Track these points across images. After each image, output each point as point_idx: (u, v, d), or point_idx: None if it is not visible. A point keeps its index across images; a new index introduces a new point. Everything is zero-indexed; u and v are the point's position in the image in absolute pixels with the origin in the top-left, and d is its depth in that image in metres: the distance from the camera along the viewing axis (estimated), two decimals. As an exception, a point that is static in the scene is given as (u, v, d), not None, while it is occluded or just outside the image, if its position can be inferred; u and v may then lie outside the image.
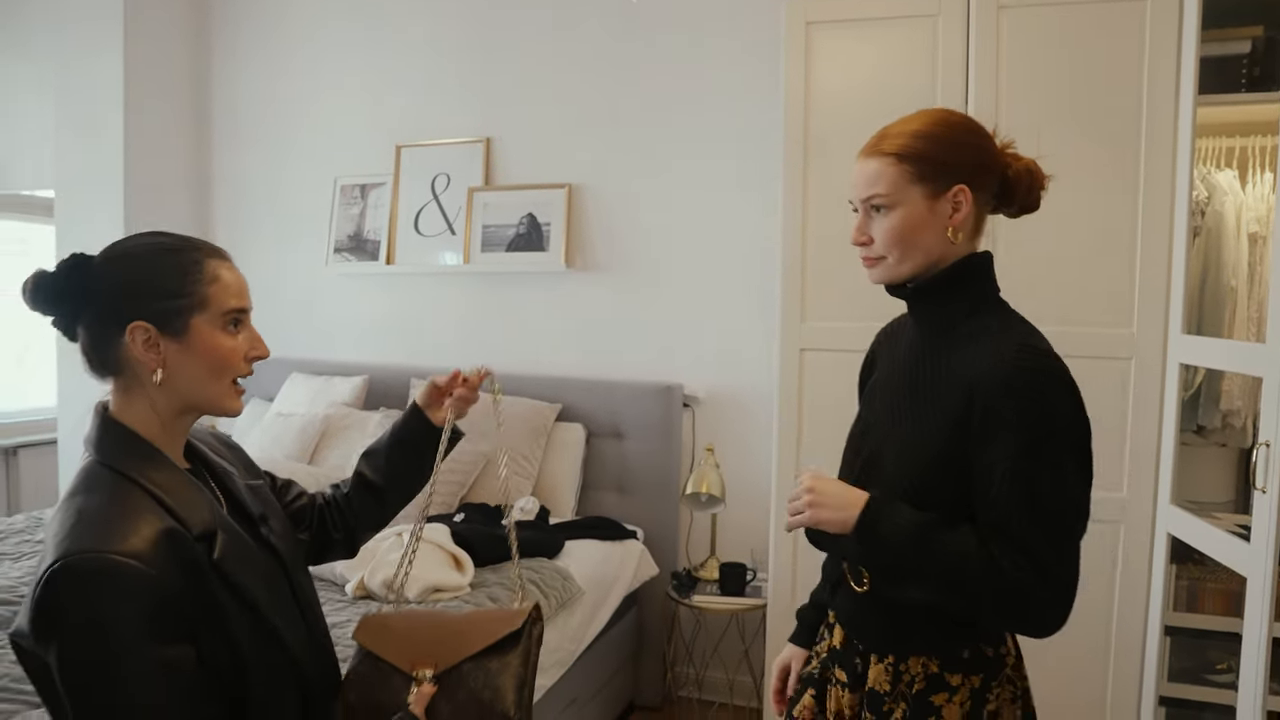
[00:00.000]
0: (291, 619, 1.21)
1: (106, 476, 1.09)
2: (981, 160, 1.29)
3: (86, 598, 0.98)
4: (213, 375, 1.16)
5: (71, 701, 0.99)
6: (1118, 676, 2.54)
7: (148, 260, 1.14)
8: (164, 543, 1.04)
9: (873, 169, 1.29)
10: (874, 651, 1.35)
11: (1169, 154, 2.39)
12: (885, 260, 1.31)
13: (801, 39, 2.68)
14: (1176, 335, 2.39)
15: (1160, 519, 2.45)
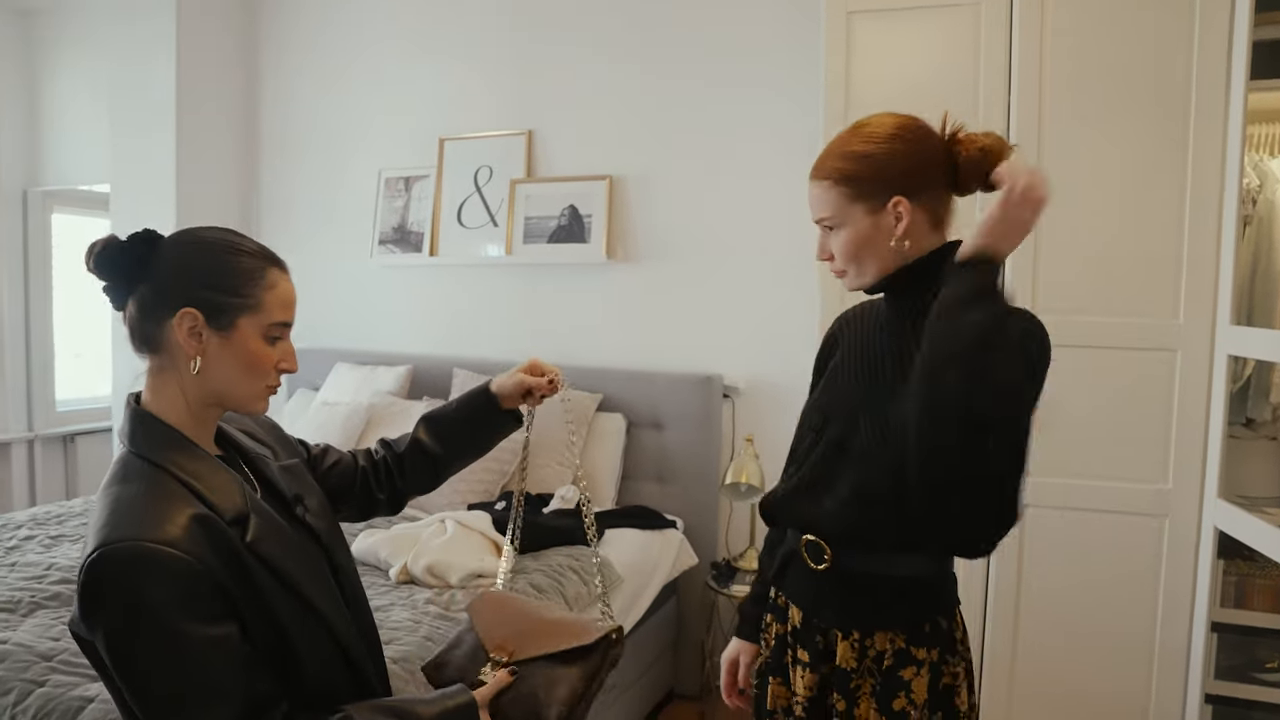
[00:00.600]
0: (332, 598, 1.23)
1: (140, 466, 1.12)
2: (917, 165, 1.30)
3: (126, 584, 1.01)
4: (246, 377, 1.18)
5: (125, 685, 1.03)
6: (1162, 674, 2.49)
7: (217, 253, 1.17)
8: (197, 528, 1.06)
9: (816, 193, 1.36)
10: (838, 629, 1.36)
11: (1219, 141, 2.34)
12: (850, 274, 1.37)
13: (843, 29, 2.66)
14: (1225, 326, 2.34)
15: (1207, 513, 2.41)
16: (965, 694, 1.38)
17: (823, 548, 1.37)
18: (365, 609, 1.35)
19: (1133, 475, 2.50)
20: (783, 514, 1.44)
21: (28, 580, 2.27)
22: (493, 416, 1.56)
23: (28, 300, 4.59)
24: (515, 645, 1.35)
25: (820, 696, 1.40)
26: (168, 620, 1.01)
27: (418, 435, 1.53)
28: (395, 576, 2.43)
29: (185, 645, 1.02)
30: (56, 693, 1.72)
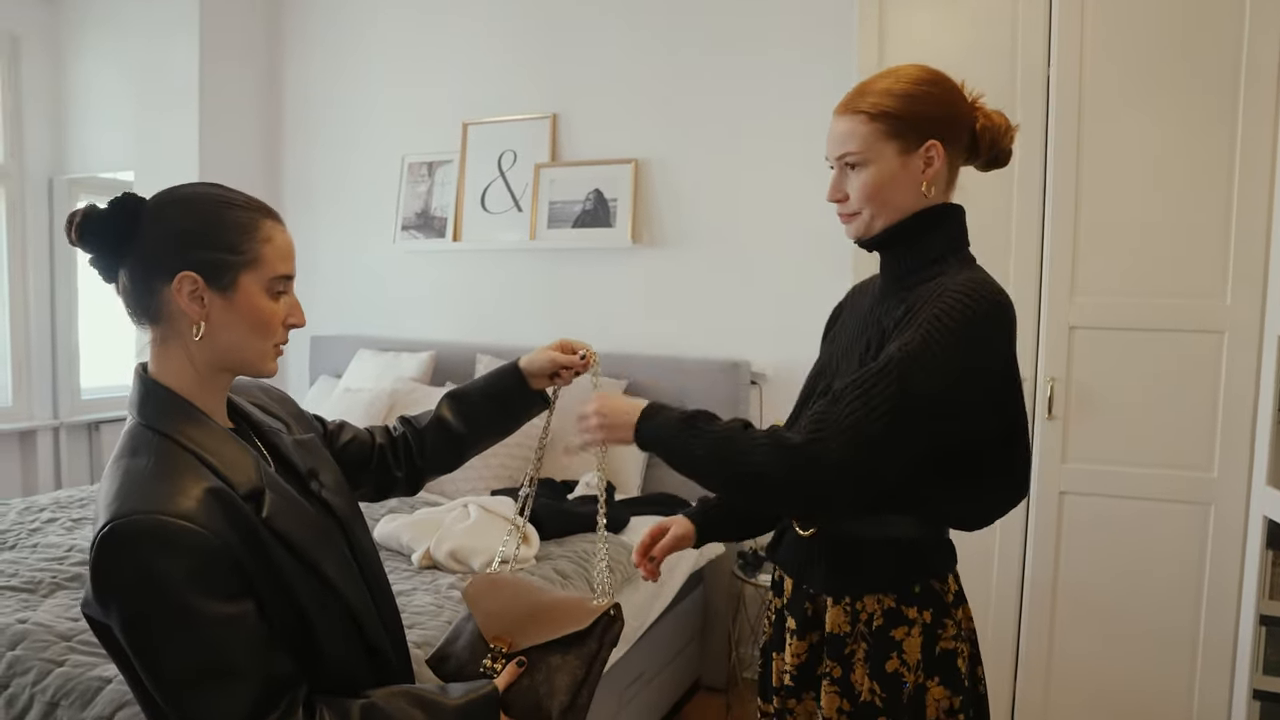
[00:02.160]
0: (350, 575, 1.18)
1: (150, 438, 1.07)
2: (952, 114, 1.31)
3: (138, 558, 0.96)
4: (253, 336, 1.12)
5: (139, 662, 0.99)
6: (1206, 667, 2.42)
7: (207, 209, 1.10)
8: (211, 501, 1.02)
9: (845, 127, 1.32)
10: (828, 594, 1.36)
11: (1271, 115, 2.25)
12: (860, 216, 1.33)
13: (876, 10, 2.59)
14: (1276, 306, 2.26)
15: (1255, 501, 2.33)
16: (967, 662, 1.34)
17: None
18: (385, 588, 1.31)
19: (1176, 461, 2.42)
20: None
21: (49, 561, 2.25)
22: (521, 395, 1.51)
23: (53, 289, 4.60)
24: (514, 634, 1.31)
25: (810, 664, 1.40)
26: (182, 596, 0.96)
27: (441, 413, 1.49)
28: (418, 562, 2.39)
29: (200, 622, 0.97)
30: (75, 673, 1.69)
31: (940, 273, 1.29)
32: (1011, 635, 2.60)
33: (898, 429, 1.15)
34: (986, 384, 1.23)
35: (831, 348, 1.47)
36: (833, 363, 1.42)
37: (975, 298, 1.20)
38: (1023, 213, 2.50)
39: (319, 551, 1.13)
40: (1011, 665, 2.60)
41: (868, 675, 1.32)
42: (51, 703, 1.64)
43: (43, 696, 1.65)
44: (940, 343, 1.17)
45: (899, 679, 1.30)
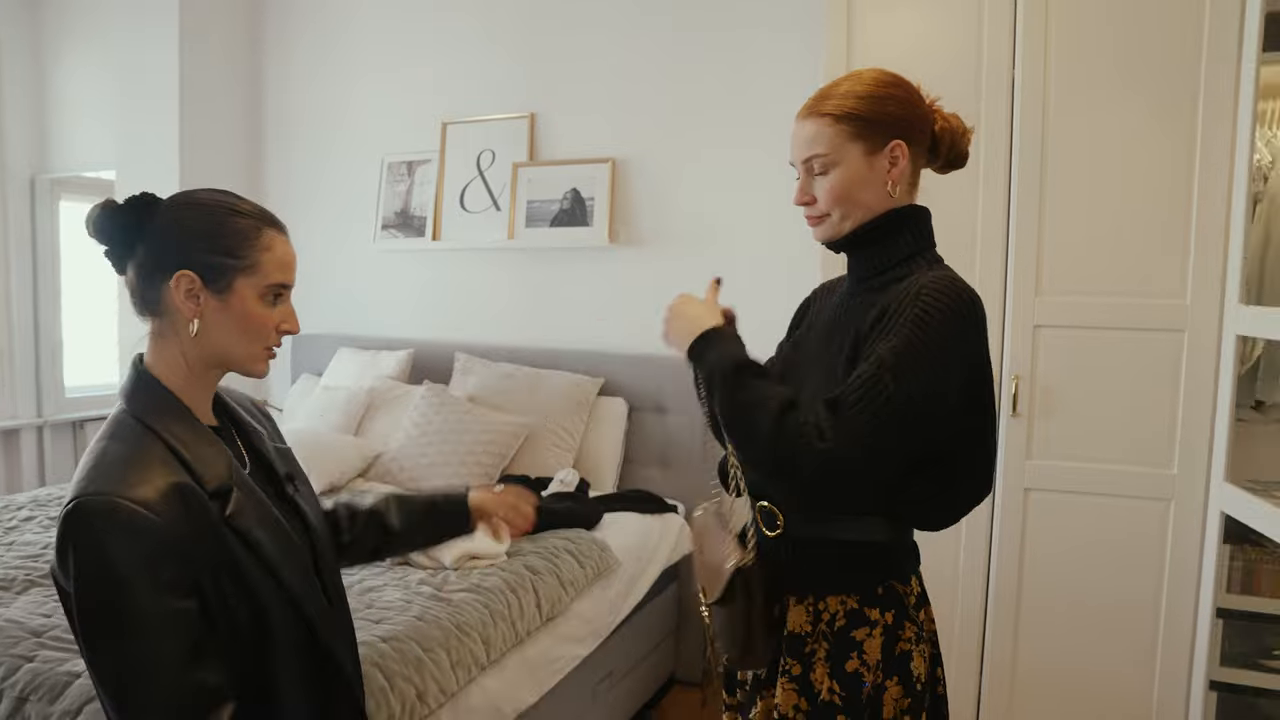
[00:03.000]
0: (308, 580, 1.22)
1: (132, 426, 1.12)
2: (914, 115, 1.33)
3: (95, 536, 1.01)
4: (244, 338, 1.18)
5: (81, 634, 1.03)
6: (1166, 660, 2.46)
7: (213, 215, 1.17)
8: (174, 495, 1.06)
9: (810, 130, 1.33)
10: (791, 593, 1.36)
11: (1229, 117, 2.29)
12: (829, 218, 1.35)
13: (844, 11, 2.62)
14: (1234, 306, 2.30)
15: (1213, 498, 2.37)
16: (923, 663, 1.35)
17: (775, 514, 1.37)
18: (343, 598, 1.34)
19: (1138, 458, 2.47)
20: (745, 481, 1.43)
21: (24, 559, 2.28)
22: (457, 523, 1.57)
23: (36, 287, 4.60)
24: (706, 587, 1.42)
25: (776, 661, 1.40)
26: (126, 577, 1.01)
27: (382, 506, 1.51)
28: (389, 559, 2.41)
29: (138, 606, 1.02)
30: (45, 668, 1.71)
31: (909, 273, 1.30)
32: (977, 629, 2.63)
33: (901, 430, 1.18)
34: (969, 380, 1.26)
35: (796, 351, 1.48)
36: (800, 366, 1.43)
37: (953, 296, 1.23)
38: (988, 212, 2.53)
39: (281, 556, 1.16)
40: (977, 659, 2.64)
41: (828, 675, 1.32)
42: (20, 697, 1.67)
43: (12, 691, 1.68)
44: (927, 342, 1.20)
45: (859, 679, 1.31)
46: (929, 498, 1.32)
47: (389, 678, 1.82)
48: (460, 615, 2.10)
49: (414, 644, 1.93)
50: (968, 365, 1.25)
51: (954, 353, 1.22)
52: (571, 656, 2.50)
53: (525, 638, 2.29)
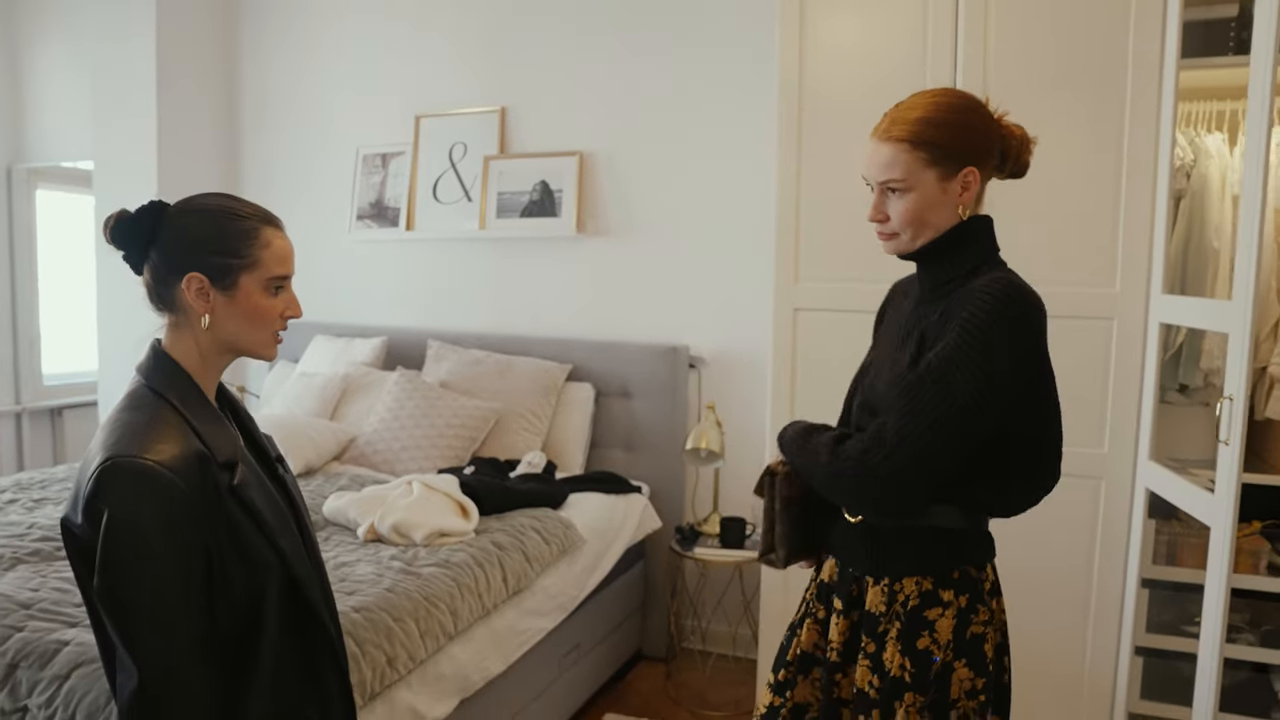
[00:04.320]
0: (297, 548, 1.34)
1: (151, 398, 1.25)
2: (986, 140, 1.41)
3: (125, 492, 1.14)
4: (252, 327, 1.31)
5: (100, 579, 1.15)
6: (1097, 627, 2.61)
7: (214, 220, 1.29)
8: (193, 460, 1.19)
9: (888, 154, 1.40)
10: (870, 575, 1.46)
11: (1153, 117, 2.43)
12: (900, 237, 1.44)
13: (796, 10, 2.74)
14: (1158, 295, 2.45)
15: (1139, 475, 2.52)
16: (994, 649, 1.44)
17: None
18: (323, 567, 1.46)
19: (1071, 439, 2.58)
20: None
21: (10, 538, 2.37)
22: None
23: (14, 276, 4.67)
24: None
25: (852, 640, 1.50)
26: (150, 531, 1.14)
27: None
28: (363, 535, 2.53)
29: (157, 553, 1.14)
30: (34, 637, 1.82)
31: (979, 270, 1.41)
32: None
33: (944, 433, 1.29)
34: (1020, 373, 1.34)
35: (875, 350, 1.60)
36: (876, 363, 1.54)
37: (1001, 299, 1.31)
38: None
39: (276, 524, 1.29)
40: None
41: (899, 652, 1.40)
42: (11, 664, 1.77)
43: (3, 659, 1.78)
44: (973, 344, 1.29)
45: (929, 655, 1.39)
46: (999, 486, 1.42)
47: (360, 645, 1.93)
48: (429, 588, 2.22)
49: (384, 614, 2.05)
50: (1017, 359, 1.32)
51: (1000, 350, 1.30)
52: (537, 629, 2.63)
53: (492, 610, 2.41)
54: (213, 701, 1.20)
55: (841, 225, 2.73)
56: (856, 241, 2.73)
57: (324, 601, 1.40)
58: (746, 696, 3.16)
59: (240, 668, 1.24)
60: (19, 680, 1.75)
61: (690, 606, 3.57)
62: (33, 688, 1.73)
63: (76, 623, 1.90)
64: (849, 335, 2.73)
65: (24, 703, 1.72)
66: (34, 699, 1.71)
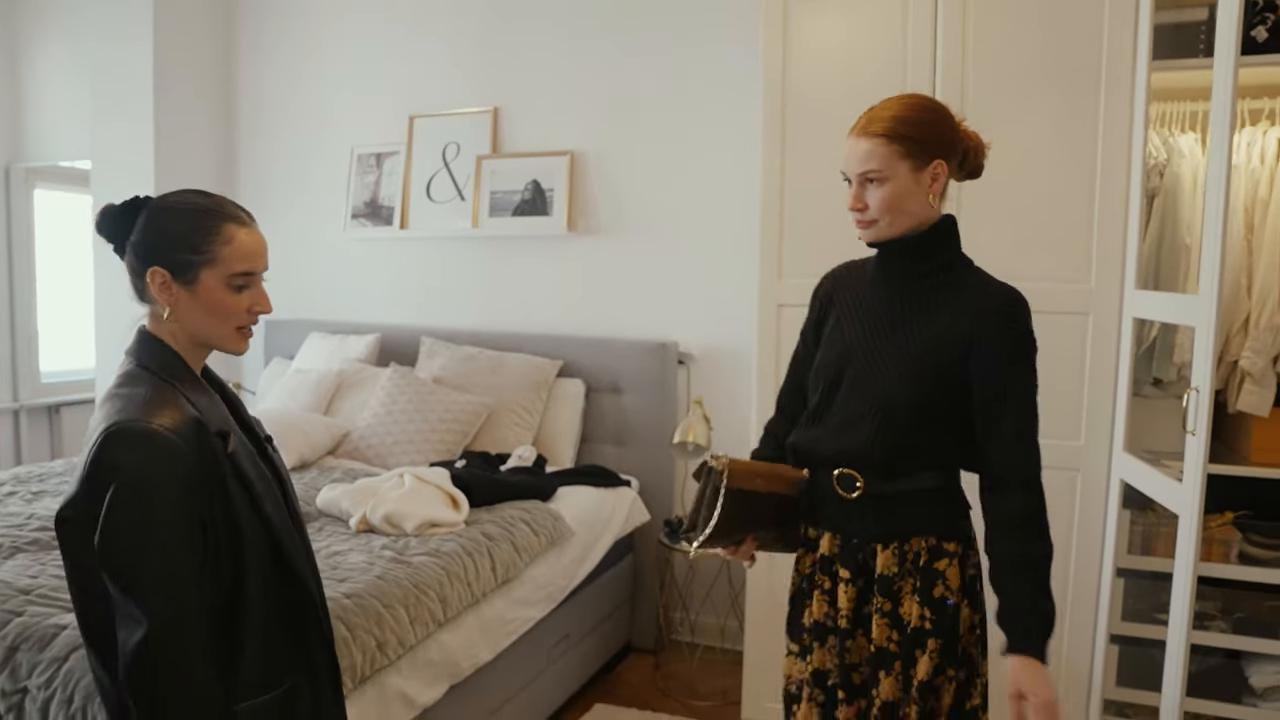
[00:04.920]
0: (285, 523, 1.40)
1: (144, 374, 1.31)
2: (951, 137, 1.58)
3: (133, 453, 1.21)
4: (212, 320, 1.35)
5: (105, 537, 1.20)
6: (1074, 615, 2.67)
7: (181, 216, 1.34)
8: (191, 426, 1.26)
9: (865, 148, 1.56)
10: (878, 541, 1.61)
11: (1126, 117, 2.49)
12: (879, 223, 1.58)
13: (780, 11, 2.80)
14: (1131, 291, 2.51)
15: (1115, 467, 2.58)
16: (983, 587, 1.63)
17: (854, 477, 1.61)
18: (308, 543, 1.52)
19: (1049, 432, 2.63)
20: (816, 455, 1.67)
21: (9, 528, 2.43)
22: None
23: (12, 274, 4.72)
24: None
25: (859, 606, 1.64)
26: (155, 492, 1.20)
27: None
28: (355, 526, 2.58)
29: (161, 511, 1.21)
30: (34, 621, 1.88)
31: (956, 272, 1.62)
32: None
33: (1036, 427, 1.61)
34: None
35: (840, 338, 1.68)
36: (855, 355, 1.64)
37: (1026, 310, 1.60)
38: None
39: (266, 496, 1.36)
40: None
41: (918, 604, 1.57)
42: (12, 647, 1.83)
43: (4, 642, 1.84)
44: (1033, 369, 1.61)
45: (944, 601, 1.57)
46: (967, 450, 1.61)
47: (351, 630, 1.99)
48: (419, 576, 2.28)
49: (375, 600, 2.11)
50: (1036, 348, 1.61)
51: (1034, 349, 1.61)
52: (526, 619, 2.69)
53: (481, 599, 2.47)
54: (209, 656, 1.26)
55: (824, 223, 2.79)
56: (838, 239, 2.77)
57: (310, 575, 1.46)
58: (734, 687, 3.21)
59: (231, 632, 1.30)
60: (19, 663, 1.81)
61: (679, 599, 3.63)
62: (32, 669, 1.79)
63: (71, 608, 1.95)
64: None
65: (24, 684, 1.78)
66: (34, 680, 1.77)
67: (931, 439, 1.58)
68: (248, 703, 1.31)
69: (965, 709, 1.59)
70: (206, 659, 1.25)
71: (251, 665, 1.32)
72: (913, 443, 1.58)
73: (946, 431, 1.58)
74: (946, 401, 1.57)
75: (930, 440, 1.58)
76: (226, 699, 1.28)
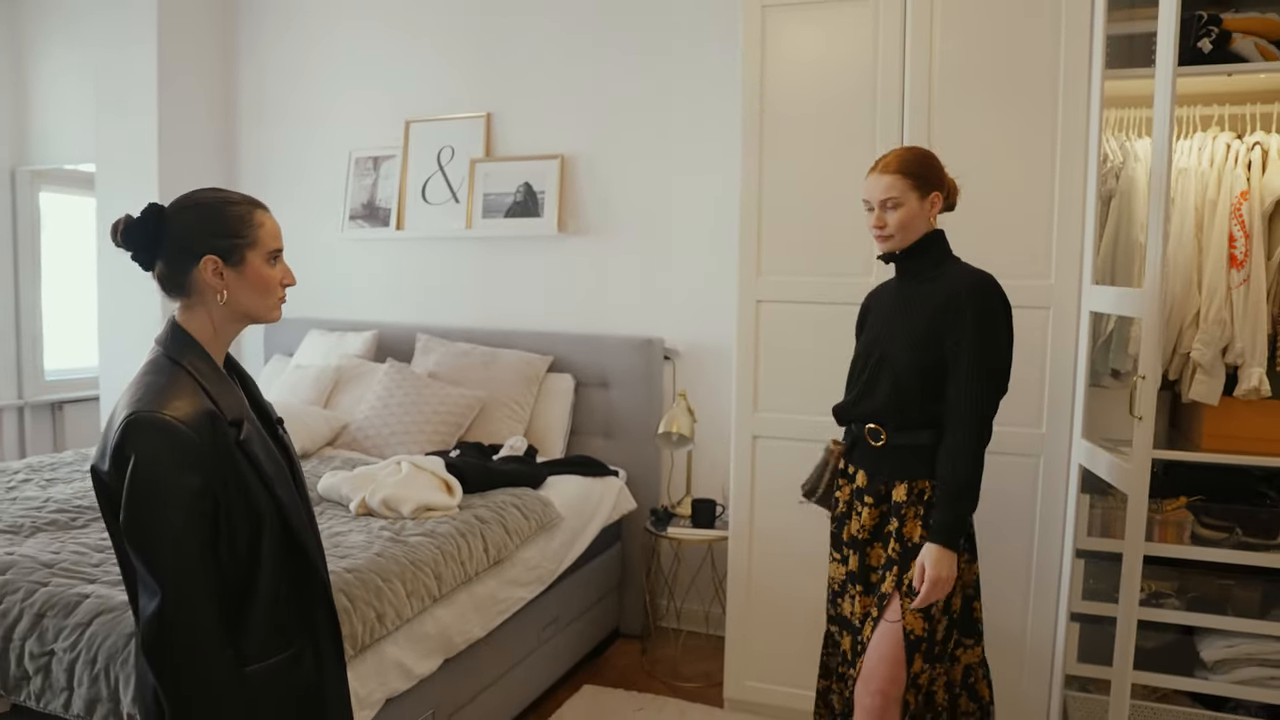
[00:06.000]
0: (294, 502, 1.54)
1: (168, 364, 1.44)
2: (942, 177, 2.16)
3: (147, 441, 1.34)
4: (261, 295, 1.52)
5: (127, 515, 1.34)
6: (1038, 595, 2.81)
7: (216, 209, 1.50)
8: (204, 417, 1.39)
9: (886, 181, 2.10)
10: (898, 479, 2.13)
11: (1082, 123, 2.65)
12: (894, 238, 2.13)
13: (758, 21, 2.95)
14: (1088, 286, 2.66)
15: (1074, 452, 2.73)
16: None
17: (880, 431, 2.15)
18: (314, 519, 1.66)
19: (1013, 420, 2.81)
20: (851, 414, 2.24)
21: (28, 510, 2.57)
22: None
23: (17, 275, 4.85)
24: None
25: (879, 526, 2.18)
26: (167, 474, 1.34)
27: None
28: (354, 509, 2.72)
29: (175, 491, 1.34)
30: (58, 591, 2.02)
31: (945, 268, 2.13)
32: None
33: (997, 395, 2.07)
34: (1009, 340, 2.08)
35: (872, 331, 2.26)
36: (880, 340, 2.19)
37: (995, 288, 2.06)
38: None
39: (276, 477, 1.49)
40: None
41: (918, 528, 2.09)
42: (39, 614, 1.97)
43: (31, 609, 1.98)
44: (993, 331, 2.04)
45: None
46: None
47: (352, 601, 2.13)
48: (415, 553, 2.42)
49: (374, 575, 2.25)
50: (1009, 329, 2.08)
51: (1006, 330, 2.06)
52: (517, 598, 2.83)
53: (474, 577, 2.60)
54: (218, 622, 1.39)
55: (800, 223, 2.94)
56: (813, 238, 2.95)
57: (316, 549, 1.59)
58: (717, 670, 3.34)
59: (242, 601, 1.44)
60: (46, 628, 1.94)
61: (665, 587, 3.77)
62: (58, 634, 1.92)
63: (95, 579, 2.09)
64: (805, 324, 2.96)
65: (50, 647, 1.92)
66: (60, 643, 1.91)
67: (929, 398, 2.07)
68: (257, 665, 1.44)
69: (950, 602, 2.11)
70: (219, 626, 1.39)
71: (261, 631, 1.45)
72: (917, 400, 2.09)
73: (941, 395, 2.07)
74: (941, 365, 2.05)
75: (928, 398, 2.07)
76: (237, 661, 1.42)
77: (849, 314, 2.48)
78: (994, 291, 2.06)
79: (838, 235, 2.90)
